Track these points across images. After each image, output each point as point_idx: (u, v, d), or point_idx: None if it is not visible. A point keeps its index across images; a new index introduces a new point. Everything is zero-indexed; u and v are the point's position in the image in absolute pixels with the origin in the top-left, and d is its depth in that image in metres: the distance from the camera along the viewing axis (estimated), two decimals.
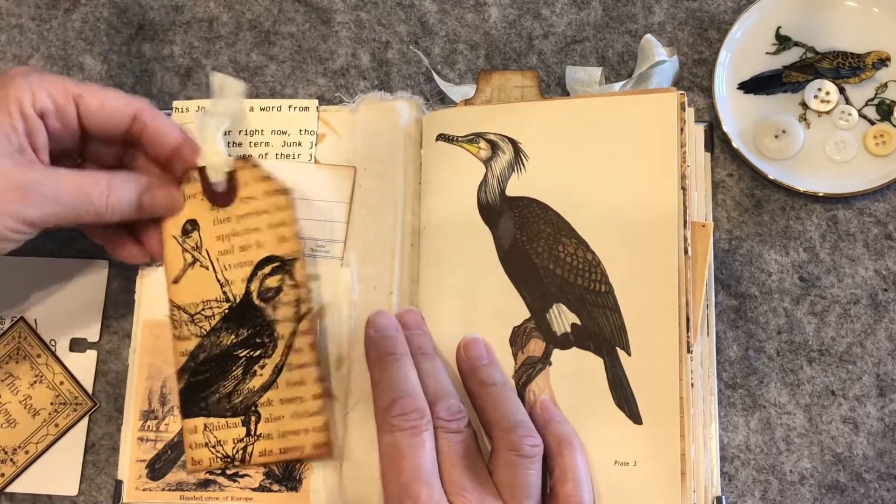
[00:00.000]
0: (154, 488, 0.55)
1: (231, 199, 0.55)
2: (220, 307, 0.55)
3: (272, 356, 0.54)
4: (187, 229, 0.55)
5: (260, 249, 0.54)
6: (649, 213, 0.52)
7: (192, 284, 0.55)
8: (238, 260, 0.55)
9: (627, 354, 0.52)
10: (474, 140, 0.55)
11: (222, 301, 0.55)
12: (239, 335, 0.54)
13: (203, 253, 0.55)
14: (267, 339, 0.54)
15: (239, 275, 0.55)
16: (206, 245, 0.55)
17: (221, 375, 0.54)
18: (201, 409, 0.54)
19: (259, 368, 0.54)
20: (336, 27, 0.62)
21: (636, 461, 0.51)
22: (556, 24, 0.61)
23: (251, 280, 0.54)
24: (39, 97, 0.50)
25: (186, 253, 0.55)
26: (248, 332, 0.54)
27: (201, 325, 0.55)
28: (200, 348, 0.55)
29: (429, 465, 0.48)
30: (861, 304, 0.56)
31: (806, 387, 0.55)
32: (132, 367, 0.57)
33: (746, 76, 0.58)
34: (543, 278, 0.53)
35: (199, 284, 0.55)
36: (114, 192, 0.52)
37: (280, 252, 0.54)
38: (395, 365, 0.51)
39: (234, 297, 0.55)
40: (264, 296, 0.54)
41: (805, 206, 0.57)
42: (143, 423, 0.56)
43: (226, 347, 0.54)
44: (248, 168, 0.55)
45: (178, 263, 0.55)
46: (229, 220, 0.55)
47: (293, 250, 0.54)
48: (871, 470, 0.54)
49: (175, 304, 0.55)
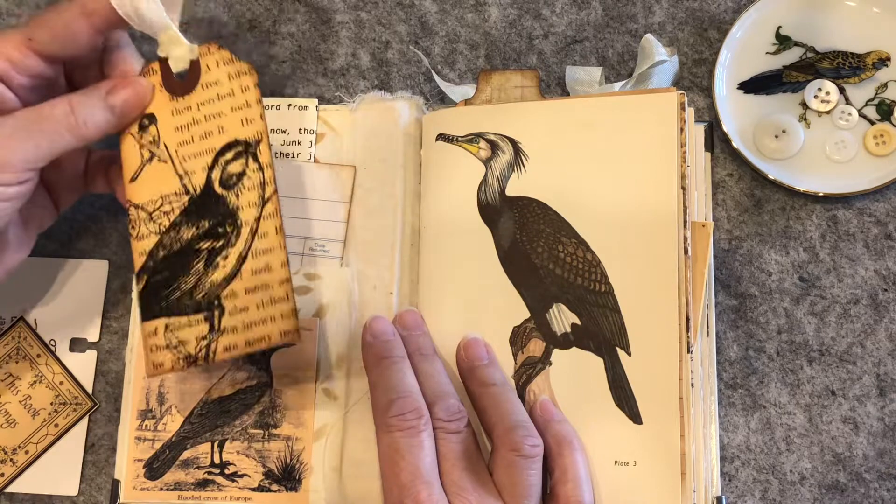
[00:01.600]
0: (152, 488, 0.55)
1: (192, 87, 0.52)
2: (180, 200, 0.52)
3: (236, 244, 0.51)
4: (144, 124, 0.53)
5: (222, 135, 0.52)
6: (649, 213, 0.52)
7: (149, 181, 0.52)
8: (199, 149, 0.52)
9: (627, 354, 0.52)
10: (474, 140, 0.55)
11: (182, 194, 0.52)
12: (200, 227, 0.51)
13: (161, 147, 0.52)
14: (230, 228, 0.51)
15: (199, 164, 0.52)
16: (164, 138, 0.52)
17: (182, 271, 0.51)
18: (161, 309, 0.51)
19: (222, 259, 0.51)
20: (336, 27, 0.62)
21: (636, 461, 0.51)
22: (556, 24, 0.61)
23: (212, 168, 0.52)
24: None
25: (144, 149, 0.53)
26: (209, 224, 0.51)
27: (160, 223, 0.52)
28: (160, 246, 0.52)
29: (428, 465, 0.48)
30: (861, 304, 0.56)
31: (806, 387, 0.55)
32: (129, 367, 0.57)
33: (746, 76, 0.58)
34: (543, 278, 0.53)
35: (156, 180, 0.52)
36: (78, 106, 0.50)
37: (243, 135, 0.51)
38: (392, 367, 0.51)
39: (194, 189, 0.52)
40: (226, 183, 0.51)
41: (805, 206, 0.57)
42: (140, 423, 0.56)
43: (186, 241, 0.51)
44: (213, 53, 0.52)
45: (136, 161, 0.53)
46: (189, 109, 0.52)
47: (257, 132, 0.51)
48: (871, 470, 0.54)
49: (133, 204, 0.52)
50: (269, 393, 0.55)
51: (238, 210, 0.51)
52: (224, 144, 0.51)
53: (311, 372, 0.55)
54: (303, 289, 0.56)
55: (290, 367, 0.55)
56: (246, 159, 0.51)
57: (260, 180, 0.51)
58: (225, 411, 0.55)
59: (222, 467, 0.55)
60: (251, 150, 0.51)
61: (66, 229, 0.60)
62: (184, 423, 0.55)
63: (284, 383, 0.55)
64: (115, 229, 0.60)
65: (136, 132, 0.53)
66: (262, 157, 0.51)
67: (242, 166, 0.51)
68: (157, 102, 0.53)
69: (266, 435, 0.55)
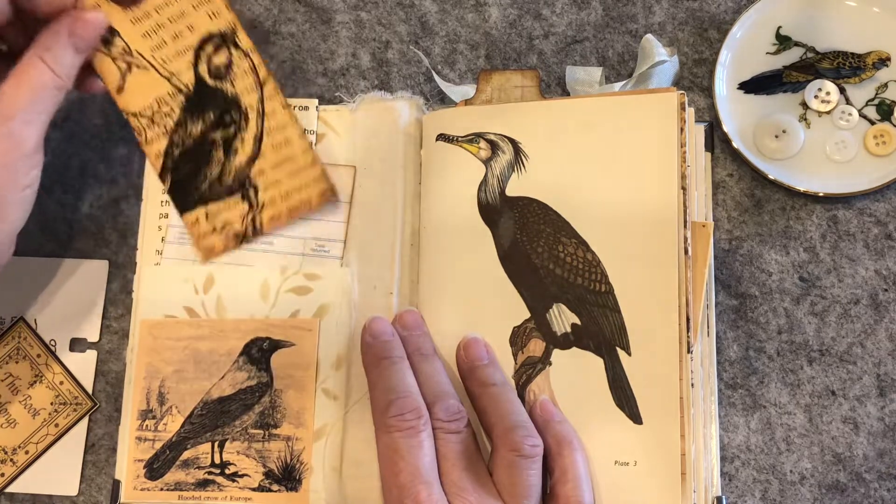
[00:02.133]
0: (152, 488, 0.55)
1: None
2: (176, 100, 0.54)
3: (247, 128, 0.54)
4: (107, 38, 0.54)
5: (194, 32, 0.54)
6: (649, 213, 0.52)
7: (137, 88, 0.54)
8: (175, 49, 0.54)
9: (627, 354, 0.51)
10: (474, 140, 0.55)
11: (176, 94, 0.54)
12: (206, 120, 0.54)
13: (135, 55, 0.54)
14: (236, 115, 0.54)
15: (182, 63, 0.54)
16: (134, 46, 0.54)
17: (204, 162, 0.54)
18: (197, 200, 0.54)
19: (239, 144, 0.54)
20: (336, 27, 0.62)
21: (636, 461, 0.51)
22: (556, 24, 0.61)
23: (197, 64, 0.54)
24: None
25: (118, 61, 0.54)
26: (214, 115, 0.54)
27: (164, 124, 0.55)
28: (173, 145, 0.55)
29: (427, 465, 0.48)
30: (861, 304, 0.56)
31: (806, 387, 0.55)
32: (130, 367, 0.57)
33: (747, 76, 0.58)
34: (543, 278, 0.53)
35: (145, 86, 0.54)
36: (53, 62, 0.50)
37: (216, 27, 0.54)
38: (391, 367, 0.51)
39: (186, 87, 0.54)
40: (217, 74, 0.54)
41: (805, 206, 0.57)
42: (141, 423, 0.56)
43: (198, 135, 0.54)
44: None
45: (115, 74, 0.54)
46: (149, 16, 0.54)
47: (228, 21, 0.54)
48: (871, 470, 0.54)
49: (130, 113, 0.55)
50: (270, 393, 0.55)
51: (238, 97, 0.54)
52: (200, 39, 0.54)
53: (311, 372, 0.55)
54: (303, 289, 0.56)
55: (290, 367, 0.55)
56: (228, 48, 0.54)
57: (249, 66, 0.53)
58: (225, 411, 0.55)
59: (223, 467, 0.55)
60: (229, 40, 0.54)
61: (65, 229, 0.60)
62: (184, 424, 0.55)
63: (285, 383, 0.55)
64: (114, 229, 0.60)
65: (103, 48, 0.54)
66: (243, 43, 0.54)
67: (227, 56, 0.54)
68: (111, 16, 0.54)
69: (266, 435, 0.55)
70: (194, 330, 0.56)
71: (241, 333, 0.56)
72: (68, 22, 0.52)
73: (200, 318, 0.56)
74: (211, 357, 0.56)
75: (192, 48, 0.54)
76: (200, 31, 0.54)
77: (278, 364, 0.55)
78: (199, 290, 0.56)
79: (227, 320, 0.56)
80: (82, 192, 0.61)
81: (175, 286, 0.57)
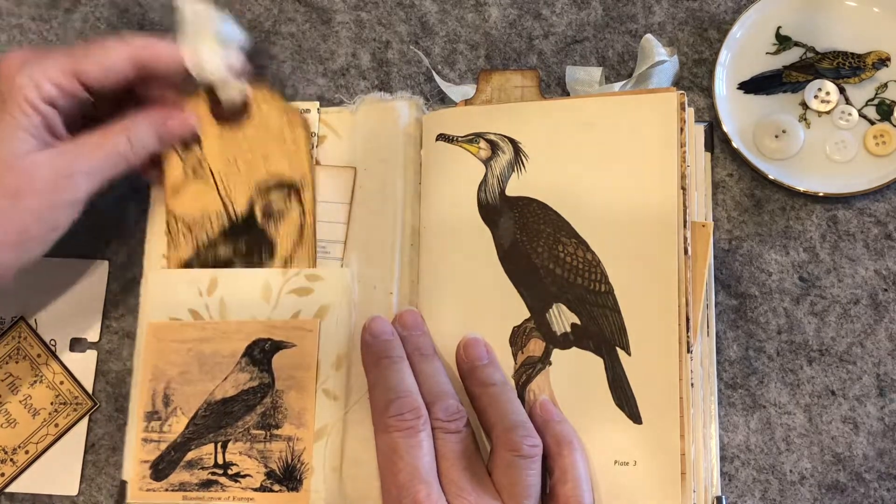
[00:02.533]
0: (157, 488, 0.55)
1: (240, 120, 0.57)
2: (219, 221, 0.57)
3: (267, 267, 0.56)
4: (188, 143, 0.57)
5: (268, 170, 0.56)
6: (649, 213, 0.52)
7: (192, 196, 0.57)
8: (243, 178, 0.57)
9: (627, 354, 0.52)
10: (474, 140, 0.55)
11: (222, 215, 0.57)
12: (238, 250, 0.56)
13: (205, 168, 0.56)
14: (266, 254, 0.56)
15: (242, 192, 0.57)
16: (208, 160, 0.57)
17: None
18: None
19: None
20: (336, 27, 0.62)
21: (636, 461, 0.51)
22: (556, 24, 0.61)
23: (255, 199, 0.56)
24: (44, 88, 0.51)
25: (187, 166, 0.57)
26: (246, 247, 0.57)
27: (198, 237, 0.57)
28: (198, 258, 0.57)
29: (426, 464, 0.48)
30: (861, 304, 0.56)
31: (806, 387, 0.55)
32: (136, 369, 0.57)
33: (746, 76, 0.58)
34: (543, 278, 0.53)
35: (199, 197, 0.57)
36: (135, 140, 0.54)
37: (289, 175, 0.56)
38: (391, 367, 0.51)
39: (235, 213, 0.57)
40: (267, 213, 0.56)
41: (805, 206, 0.57)
42: (147, 425, 0.56)
43: (223, 260, 0.57)
44: (263, 94, 0.57)
45: (179, 176, 0.57)
46: (236, 140, 0.57)
47: (303, 174, 0.56)
48: (871, 470, 0.54)
49: (173, 215, 0.57)
50: (271, 394, 0.55)
51: (275, 240, 0.56)
52: (269, 179, 0.56)
53: (312, 372, 0.55)
54: (304, 290, 0.56)
55: (291, 368, 0.55)
56: (289, 197, 0.56)
57: (300, 220, 0.56)
58: (228, 412, 0.55)
59: (225, 468, 0.55)
60: (295, 190, 0.56)
61: None
62: (188, 425, 0.55)
63: (286, 384, 0.55)
64: (115, 229, 0.60)
65: (180, 149, 0.57)
66: (305, 197, 0.56)
67: (285, 203, 0.56)
68: (204, 126, 0.57)
69: (268, 435, 0.55)
70: (198, 332, 0.56)
71: (243, 335, 0.56)
72: (163, 113, 0.55)
73: (204, 320, 0.56)
74: (214, 359, 0.56)
75: (259, 184, 0.56)
76: (274, 172, 0.56)
77: (280, 365, 0.55)
78: (203, 293, 0.57)
79: (230, 322, 0.56)
80: None
81: (180, 289, 0.57)
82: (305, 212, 0.56)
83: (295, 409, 0.55)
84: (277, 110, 0.57)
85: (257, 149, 0.57)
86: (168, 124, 0.56)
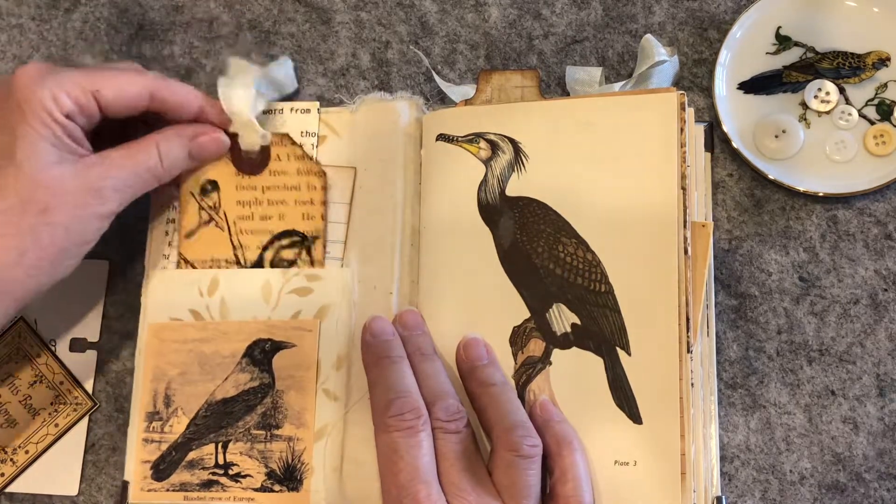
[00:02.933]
0: (158, 489, 0.55)
1: (259, 169, 0.57)
2: (229, 268, 0.57)
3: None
4: (206, 188, 0.57)
5: (281, 221, 0.57)
6: (649, 213, 0.52)
7: (204, 241, 0.57)
8: (256, 227, 0.57)
9: (627, 354, 0.52)
10: (474, 140, 0.55)
11: (232, 262, 0.57)
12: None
13: (220, 214, 0.57)
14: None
15: (254, 241, 0.57)
16: (224, 207, 0.57)
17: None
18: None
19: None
20: (336, 27, 0.62)
21: (636, 461, 0.51)
22: (556, 24, 0.61)
23: (266, 248, 0.56)
24: (63, 101, 0.50)
25: (203, 211, 0.57)
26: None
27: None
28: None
29: (426, 464, 0.48)
30: (861, 304, 0.56)
31: (806, 387, 0.55)
32: (138, 370, 0.57)
33: (746, 76, 0.58)
34: (543, 278, 0.53)
35: (211, 243, 0.57)
36: (165, 154, 0.54)
37: (302, 228, 0.56)
38: (391, 367, 0.51)
39: (245, 261, 0.57)
40: (276, 265, 0.56)
41: (805, 206, 0.57)
42: (148, 425, 0.56)
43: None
44: (285, 144, 0.57)
45: (194, 219, 0.57)
46: (254, 189, 0.57)
47: (316, 229, 0.56)
48: (871, 470, 0.54)
49: (184, 258, 0.57)
50: (272, 394, 0.55)
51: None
52: (282, 231, 0.56)
53: (312, 372, 0.55)
54: (304, 290, 0.56)
55: (291, 368, 0.55)
56: (300, 250, 0.56)
57: (308, 272, 0.56)
58: (228, 412, 0.55)
59: (226, 468, 0.55)
60: (307, 244, 0.56)
61: None
62: (189, 425, 0.55)
63: (286, 384, 0.55)
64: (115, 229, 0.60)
65: (197, 193, 0.57)
66: (316, 252, 0.57)
67: (295, 255, 0.56)
68: (222, 171, 0.57)
69: (268, 436, 0.55)
70: (199, 332, 0.56)
71: (243, 335, 0.56)
72: (196, 128, 0.55)
73: (205, 320, 0.56)
74: (215, 359, 0.56)
75: (272, 234, 0.57)
76: (287, 224, 0.57)
77: (280, 365, 0.55)
78: (203, 293, 0.57)
79: (231, 322, 0.56)
80: None
81: (181, 289, 0.57)
82: (314, 262, 0.56)
83: (295, 409, 0.55)
84: (297, 161, 0.57)
85: (273, 199, 0.57)
86: (199, 140, 0.55)
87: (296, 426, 0.55)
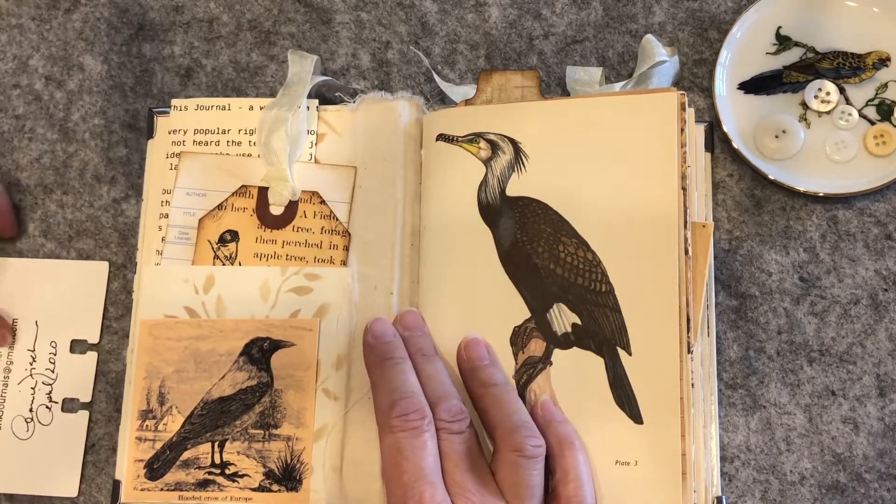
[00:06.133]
0: (152, 488, 0.55)
1: (284, 224, 0.57)
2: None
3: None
4: (225, 238, 0.57)
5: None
6: (649, 213, 0.52)
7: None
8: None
9: (628, 354, 0.51)
10: (474, 140, 0.55)
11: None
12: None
13: (235, 264, 0.57)
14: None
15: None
16: (240, 257, 0.57)
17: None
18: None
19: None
20: (336, 27, 0.62)
21: (637, 461, 0.51)
22: (556, 24, 0.61)
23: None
24: None
25: (217, 260, 0.57)
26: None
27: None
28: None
29: (431, 465, 0.48)
30: (861, 304, 0.56)
31: (806, 387, 0.55)
32: (130, 367, 0.57)
33: (747, 76, 0.58)
34: (544, 278, 0.53)
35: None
36: None
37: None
38: (394, 368, 0.51)
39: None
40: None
41: (805, 206, 0.57)
42: (141, 423, 0.56)
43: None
44: (313, 203, 0.57)
45: (207, 265, 0.57)
46: (274, 243, 0.57)
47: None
48: (871, 470, 0.54)
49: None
50: (270, 393, 0.55)
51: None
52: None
53: (312, 372, 0.55)
54: (303, 289, 0.56)
55: (290, 367, 0.55)
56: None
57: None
58: (225, 411, 0.55)
59: (223, 467, 0.55)
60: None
61: (65, 229, 0.60)
62: (184, 424, 0.55)
63: (285, 383, 0.55)
64: (114, 229, 0.60)
65: (215, 242, 0.57)
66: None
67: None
68: (244, 223, 0.57)
69: (266, 435, 0.55)
70: (194, 330, 0.56)
71: (241, 333, 0.56)
72: None
73: (201, 318, 0.56)
74: (211, 357, 0.56)
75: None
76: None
77: (278, 364, 0.55)
78: (199, 290, 0.56)
79: (228, 320, 0.56)
80: (82, 193, 0.61)
81: (175, 286, 0.57)
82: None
83: (294, 408, 0.55)
84: (323, 220, 0.57)
85: (293, 254, 0.57)
86: None
87: (295, 426, 0.55)
